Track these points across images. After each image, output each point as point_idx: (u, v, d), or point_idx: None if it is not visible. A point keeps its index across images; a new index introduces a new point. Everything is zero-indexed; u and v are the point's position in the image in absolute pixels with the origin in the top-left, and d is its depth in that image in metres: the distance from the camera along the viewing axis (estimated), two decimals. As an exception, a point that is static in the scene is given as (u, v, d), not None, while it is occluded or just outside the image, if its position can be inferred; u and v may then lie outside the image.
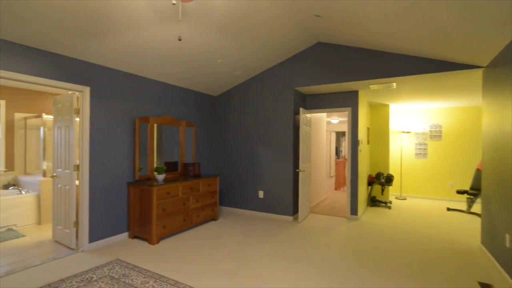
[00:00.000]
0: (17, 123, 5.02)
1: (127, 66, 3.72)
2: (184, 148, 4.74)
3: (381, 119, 6.56)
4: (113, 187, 3.69)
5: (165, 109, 4.49)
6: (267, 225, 4.51)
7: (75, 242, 3.40)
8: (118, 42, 3.11)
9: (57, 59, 3.11)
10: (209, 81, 4.86)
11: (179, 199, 3.97)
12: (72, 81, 3.24)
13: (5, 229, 4.09)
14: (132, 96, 3.93)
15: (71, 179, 3.39)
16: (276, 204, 4.90)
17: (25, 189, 4.71)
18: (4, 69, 2.69)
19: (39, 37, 2.76)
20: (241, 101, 5.32)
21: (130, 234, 3.83)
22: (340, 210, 5.60)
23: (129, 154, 3.89)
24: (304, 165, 4.85)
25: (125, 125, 3.84)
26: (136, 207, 3.76)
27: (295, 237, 3.92)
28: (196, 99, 5.16)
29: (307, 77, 4.59)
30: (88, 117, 3.38)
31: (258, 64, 4.65)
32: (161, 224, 3.67)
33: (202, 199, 4.42)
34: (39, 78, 2.94)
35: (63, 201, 3.54)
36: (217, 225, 4.47)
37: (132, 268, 2.86)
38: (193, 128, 4.97)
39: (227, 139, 5.51)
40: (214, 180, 4.69)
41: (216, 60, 4.09)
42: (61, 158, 3.58)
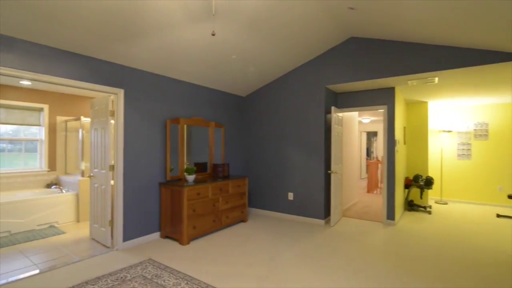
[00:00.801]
0: (59, 126, 5.33)
1: (158, 68, 3.78)
2: (213, 149, 4.74)
3: (419, 117, 6.14)
4: (146, 187, 3.75)
5: (195, 110, 4.52)
6: (298, 228, 4.37)
7: (110, 240, 3.49)
8: (150, 44, 3.15)
9: (94, 63, 3.21)
10: (238, 82, 4.82)
11: (209, 200, 3.96)
12: (108, 84, 3.34)
13: (47, 226, 4.33)
14: (163, 98, 3.99)
15: (107, 179, 3.50)
16: (307, 206, 4.74)
17: (65, 188, 4.97)
18: (47, 74, 2.82)
19: (78, 42, 2.86)
20: (269, 101, 5.22)
21: (162, 234, 3.87)
22: (374, 214, 5.29)
23: (160, 154, 3.94)
24: (336, 166, 4.64)
25: (157, 126, 3.90)
26: (168, 208, 3.80)
27: (328, 242, 3.74)
28: (225, 100, 5.15)
29: (339, 74, 4.39)
30: (122, 119, 3.47)
31: (287, 62, 4.53)
32: (192, 225, 3.67)
33: (231, 200, 4.38)
34: (78, 82, 3.06)
35: (99, 201, 3.66)
36: (246, 227, 4.40)
37: (164, 268, 2.87)
38: (222, 128, 4.96)
39: (255, 139, 5.44)
40: (243, 181, 4.63)
41: (246, 60, 4.03)
42: (98, 158, 3.71)
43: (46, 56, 2.83)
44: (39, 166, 5.14)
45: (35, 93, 5.04)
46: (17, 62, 2.64)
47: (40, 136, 5.17)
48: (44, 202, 4.32)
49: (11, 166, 4.86)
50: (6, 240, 3.71)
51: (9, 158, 4.85)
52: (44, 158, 5.15)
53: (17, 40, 2.63)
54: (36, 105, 5.05)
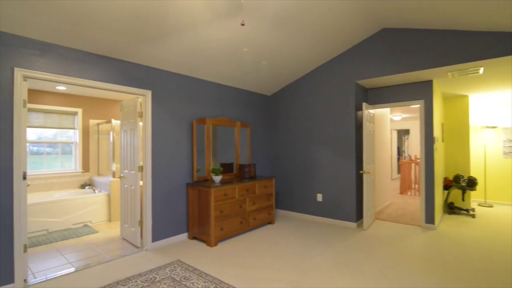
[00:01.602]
0: (91, 128, 5.54)
1: (184, 69, 3.77)
2: (239, 149, 4.67)
3: (459, 112, 5.67)
4: (173, 188, 3.76)
5: (220, 110, 4.48)
6: (328, 231, 4.17)
7: (140, 240, 3.53)
8: (176, 44, 3.14)
9: (122, 65, 3.26)
10: (263, 81, 4.72)
11: (236, 201, 3.88)
12: (136, 86, 3.38)
13: (82, 225, 4.50)
14: (189, 98, 3.99)
15: (136, 179, 3.54)
16: (337, 208, 4.52)
17: (98, 189, 5.15)
18: (80, 77, 2.89)
19: (107, 45, 2.91)
20: (296, 99, 5.07)
21: (190, 234, 3.86)
22: (410, 217, 4.95)
23: (187, 155, 3.94)
24: (369, 166, 4.38)
25: (183, 127, 3.90)
26: (195, 208, 3.77)
27: (362, 247, 3.51)
28: (250, 100, 5.07)
29: (370, 68, 4.14)
30: (150, 120, 3.50)
31: (315, 58, 4.36)
32: (219, 226, 3.62)
33: (259, 202, 4.28)
34: (108, 84, 3.12)
35: (129, 201, 3.72)
36: (274, 229, 4.28)
37: (192, 270, 2.82)
38: (248, 128, 4.88)
39: (282, 139, 5.30)
40: (270, 182, 4.52)
41: (273, 57, 3.92)
42: (127, 159, 3.77)
43: (78, 60, 2.90)
44: (74, 168, 5.37)
45: (70, 98, 5.28)
46: (52, 66, 2.72)
47: (75, 139, 5.40)
48: (78, 202, 4.49)
49: (49, 168, 5.12)
50: (44, 238, 3.88)
51: (47, 160, 5.11)
52: (78, 160, 5.37)
53: (51, 45, 2.71)
54: (71, 109, 5.29)
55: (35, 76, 2.61)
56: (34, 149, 5.01)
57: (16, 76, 2.49)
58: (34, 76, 2.61)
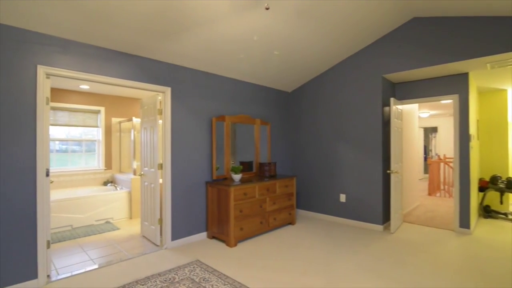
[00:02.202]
0: (114, 127, 5.63)
1: (204, 65, 3.70)
2: (259, 147, 4.55)
3: (496, 107, 5.24)
4: (193, 186, 3.70)
5: (239, 107, 4.38)
6: (353, 234, 3.96)
7: (160, 238, 3.50)
8: (195, 40, 3.06)
9: (142, 62, 3.23)
10: (283, 76, 4.57)
11: (256, 200, 3.77)
12: (155, 82, 3.35)
13: (104, 221, 4.56)
14: (208, 95, 3.91)
15: (156, 177, 3.52)
16: (362, 210, 4.30)
17: (119, 186, 5.21)
18: (100, 74, 2.89)
19: (127, 41, 2.88)
20: (318, 96, 4.87)
21: (209, 234, 3.79)
22: (441, 221, 4.62)
23: (206, 153, 3.87)
24: (396, 165, 4.12)
25: (202, 124, 3.83)
26: (214, 207, 3.70)
27: (391, 252, 3.29)
28: (270, 96, 4.94)
29: (399, 61, 3.88)
30: (169, 117, 3.45)
31: (338, 52, 4.15)
32: (239, 226, 3.52)
33: (279, 201, 4.14)
34: (128, 81, 3.09)
35: (149, 199, 3.71)
36: (295, 230, 4.13)
37: (211, 272, 2.74)
38: (268, 126, 4.75)
39: (303, 137, 5.13)
40: (291, 181, 4.37)
41: (294, 52, 3.76)
42: (147, 157, 3.76)
43: (99, 57, 2.90)
44: (97, 165, 5.48)
45: (93, 97, 5.38)
46: (73, 63, 2.72)
47: (98, 137, 5.51)
48: (101, 199, 4.56)
49: (74, 165, 5.25)
50: (68, 234, 3.96)
51: (73, 157, 5.24)
52: (101, 158, 5.48)
53: (72, 42, 2.72)
54: (94, 107, 5.39)
55: (57, 73, 2.62)
56: (63, 147, 5.16)
57: (39, 73, 2.50)
58: (56, 73, 2.62)
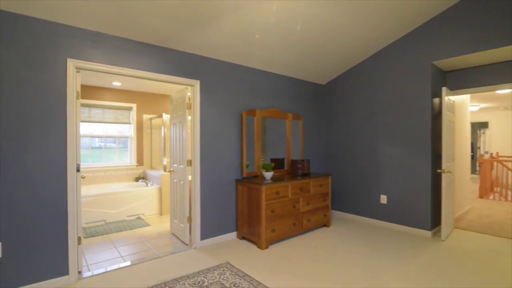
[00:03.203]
0: (145, 123, 5.67)
1: (233, 57, 3.51)
2: (291, 143, 4.29)
3: None
4: (222, 184, 3.55)
5: (270, 101, 4.14)
6: (397, 239, 3.57)
7: (189, 237, 3.39)
8: (224, 30, 2.87)
9: (170, 54, 3.11)
10: (317, 67, 4.25)
11: (289, 200, 3.52)
12: (184, 75, 3.22)
13: (135, 217, 4.59)
14: (238, 88, 3.72)
15: (185, 174, 3.40)
16: (406, 213, 3.87)
17: (150, 182, 5.24)
18: (128, 67, 2.80)
19: (155, 32, 2.76)
20: (355, 88, 4.48)
21: (238, 234, 3.62)
22: (501, 228, 4.04)
23: (236, 149, 3.69)
24: (448, 164, 3.64)
25: (232, 119, 3.66)
26: (244, 207, 3.51)
27: (445, 263, 2.88)
28: (302, 89, 4.63)
29: (451, 45, 3.39)
30: (198, 111, 3.31)
31: (381, 37, 3.74)
32: (270, 227, 3.30)
33: (313, 202, 3.86)
34: (156, 74, 2.99)
35: (178, 196, 3.61)
36: (331, 233, 3.82)
37: (242, 276, 2.55)
38: (300, 120, 4.47)
39: (338, 132, 4.77)
40: (326, 180, 4.06)
41: (330, 40, 3.44)
42: (176, 153, 3.66)
43: (127, 50, 2.81)
44: (129, 161, 5.56)
45: (125, 93, 5.45)
46: (102, 57, 2.66)
47: (130, 133, 5.58)
48: (132, 195, 4.58)
49: (109, 161, 5.36)
50: (101, 229, 4.01)
51: (107, 154, 5.36)
52: (133, 154, 5.55)
53: (101, 35, 2.65)
54: (126, 104, 5.46)
55: (87, 67, 2.56)
56: (102, 144, 5.29)
57: (69, 67, 2.46)
58: (86, 67, 2.56)
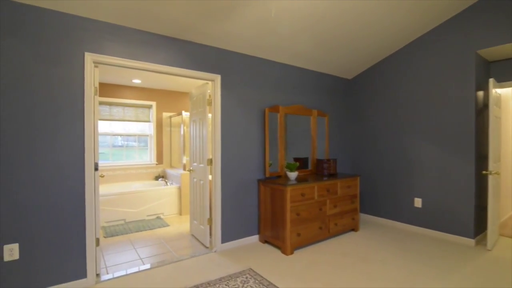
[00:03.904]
0: (164, 121, 5.61)
1: (255, 49, 3.31)
2: (316, 141, 4.04)
3: None
4: (243, 184, 3.36)
5: (294, 97, 3.90)
6: (435, 248, 3.23)
7: (209, 240, 3.24)
8: (247, 18, 2.67)
9: (189, 47, 2.96)
10: (344, 60, 3.96)
11: (315, 202, 3.28)
12: (204, 69, 3.06)
13: (155, 216, 4.51)
14: (260, 83, 3.52)
15: (205, 173, 3.25)
16: (445, 218, 3.52)
17: (170, 181, 5.16)
18: (147, 61, 2.68)
19: (174, 24, 2.61)
20: (385, 82, 4.15)
21: (261, 237, 3.42)
22: (557, 237, 3.58)
23: (258, 147, 3.49)
24: (495, 165, 3.25)
25: (254, 115, 3.46)
26: (267, 208, 3.31)
27: (494, 277, 2.53)
28: (327, 84, 4.36)
29: (498, 32, 3.01)
30: (219, 107, 3.14)
31: (416, 25, 3.40)
32: (295, 231, 3.08)
33: (341, 204, 3.59)
34: (175, 68, 2.85)
35: (198, 196, 3.47)
36: (360, 238, 3.54)
37: (267, 286, 2.35)
38: (326, 117, 4.20)
39: (366, 130, 4.45)
40: (354, 181, 3.77)
41: (359, 29, 3.16)
42: (196, 152, 3.52)
43: (146, 43, 2.68)
44: (149, 160, 5.52)
45: (145, 91, 5.40)
46: (120, 50, 2.54)
47: (150, 131, 5.53)
48: (152, 194, 4.51)
49: (130, 160, 5.34)
50: (121, 228, 3.95)
51: (128, 152, 5.34)
52: (153, 152, 5.49)
53: (119, 27, 2.53)
54: (146, 102, 5.42)
55: (105, 61, 2.46)
56: (124, 143, 5.29)
57: (86, 61, 2.36)
58: (104, 61, 2.45)
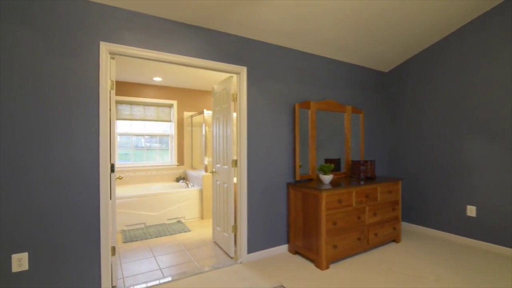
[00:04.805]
0: (185, 121, 5.40)
1: (284, 38, 2.98)
2: (349, 141, 3.64)
3: None
4: (271, 187, 3.04)
5: (326, 91, 3.53)
6: (497, 265, 2.74)
7: (233, 249, 2.94)
8: (275, 2, 2.36)
9: (213, 36, 2.68)
10: (381, 49, 3.53)
11: (353, 210, 2.89)
12: (229, 61, 2.77)
13: (175, 220, 4.28)
14: (289, 76, 3.19)
15: (229, 176, 2.96)
16: (507, 230, 3.00)
17: (191, 183, 4.93)
18: (166, 52, 2.43)
19: (196, 9, 2.34)
20: (429, 74, 3.67)
21: (291, 247, 3.08)
22: None
23: (287, 147, 3.16)
24: None
25: (283, 111, 3.13)
26: (298, 215, 2.96)
27: None
28: (361, 78, 3.94)
29: None
30: (245, 103, 2.84)
31: (461, 11, 2.93)
32: (332, 243, 2.71)
33: (381, 212, 3.17)
34: (197, 59, 2.58)
35: (221, 200, 3.19)
36: (403, 251, 3.10)
37: (304, 308, 2.01)
38: (361, 114, 3.79)
39: (404, 128, 3.99)
40: (395, 186, 3.34)
41: (400, 10, 2.74)
42: (219, 152, 3.24)
43: (165, 32, 2.44)
44: (170, 161, 5.33)
45: (165, 90, 5.22)
46: (138, 39, 2.31)
47: (170, 131, 5.35)
48: (173, 196, 4.29)
49: (150, 160, 5.18)
50: (140, 232, 3.75)
51: (149, 153, 5.18)
52: (174, 153, 5.30)
53: (136, 14, 2.30)
54: (167, 101, 5.24)
55: (122, 51, 2.23)
56: (147, 144, 5.14)
57: (101, 51, 2.14)
58: (120, 52, 2.23)
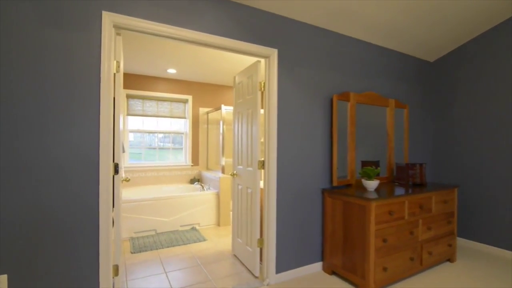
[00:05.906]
0: (201, 118, 5.00)
1: (322, 18, 2.49)
2: (392, 140, 3.11)
3: None
4: (303, 194, 2.56)
5: (366, 82, 3.02)
6: None
7: (259, 267, 2.47)
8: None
9: (239, 11, 2.23)
10: (429, 35, 2.98)
11: (405, 223, 2.37)
12: (257, 42, 2.31)
13: (189, 227, 3.86)
14: (326, 63, 2.70)
15: (255, 180, 2.49)
16: None
17: (206, 185, 4.51)
18: (184, 27, 2.00)
19: (220, -27, 1.91)
20: (487, 63, 3.10)
21: (326, 266, 2.58)
22: None
23: (322, 147, 2.67)
24: None
25: (316, 103, 2.64)
26: (337, 229, 2.46)
27: None
28: (405, 67, 3.40)
29: None
30: (275, 94, 2.38)
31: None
32: (381, 264, 2.19)
33: (435, 226, 2.63)
34: (219, 37, 2.13)
35: (243, 207, 2.72)
36: (462, 273, 2.54)
37: None
38: (405, 109, 3.25)
39: (454, 127, 3.41)
40: (451, 195, 2.78)
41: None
42: (242, 152, 2.78)
43: (182, 3, 2.01)
44: (184, 161, 4.93)
45: (180, 84, 4.83)
46: (150, 10, 1.89)
47: (185, 129, 4.95)
48: (187, 200, 3.86)
49: (162, 160, 4.79)
50: (151, 240, 3.34)
51: (162, 152, 4.80)
52: (188, 152, 4.90)
53: (148, -19, 1.88)
54: (181, 96, 4.84)
55: (129, 23, 1.81)
56: (161, 144, 4.77)
57: (104, 22, 1.72)
58: (127, 24, 1.81)
